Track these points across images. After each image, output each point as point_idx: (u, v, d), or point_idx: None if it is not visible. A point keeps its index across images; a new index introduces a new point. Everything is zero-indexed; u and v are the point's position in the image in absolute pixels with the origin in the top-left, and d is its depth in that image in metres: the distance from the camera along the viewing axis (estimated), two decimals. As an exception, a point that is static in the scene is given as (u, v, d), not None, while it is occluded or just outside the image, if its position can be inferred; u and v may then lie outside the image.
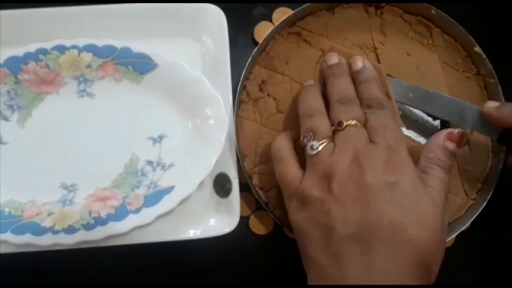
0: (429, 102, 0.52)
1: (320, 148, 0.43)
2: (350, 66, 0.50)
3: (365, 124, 0.44)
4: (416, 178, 0.41)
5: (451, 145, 0.44)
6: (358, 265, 0.37)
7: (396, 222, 0.38)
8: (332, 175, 0.40)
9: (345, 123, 0.43)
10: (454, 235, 0.52)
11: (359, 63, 0.49)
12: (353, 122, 0.43)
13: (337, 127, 0.43)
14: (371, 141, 0.42)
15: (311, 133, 0.44)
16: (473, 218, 0.53)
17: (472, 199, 0.55)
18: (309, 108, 0.47)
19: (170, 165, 0.51)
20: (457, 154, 0.45)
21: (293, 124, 0.53)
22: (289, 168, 0.45)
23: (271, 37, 0.54)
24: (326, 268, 0.39)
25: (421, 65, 0.55)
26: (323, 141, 0.43)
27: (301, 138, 0.45)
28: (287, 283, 0.55)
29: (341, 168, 0.40)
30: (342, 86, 0.47)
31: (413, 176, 0.41)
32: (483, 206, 0.53)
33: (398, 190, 0.39)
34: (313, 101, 0.48)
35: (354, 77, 0.49)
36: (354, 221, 0.38)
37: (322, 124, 0.45)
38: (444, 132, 0.45)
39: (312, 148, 0.43)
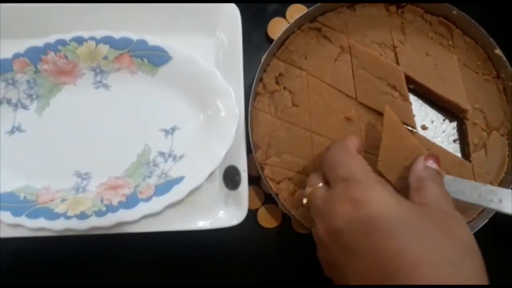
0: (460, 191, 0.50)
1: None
2: None
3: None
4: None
5: (432, 163, 0.44)
6: None
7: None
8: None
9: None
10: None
11: None
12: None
13: None
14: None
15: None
16: (485, 222, 0.52)
17: (486, 203, 0.54)
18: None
19: (181, 156, 0.52)
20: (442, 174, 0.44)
21: (308, 118, 0.53)
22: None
23: (290, 30, 0.54)
24: None
25: (440, 66, 0.54)
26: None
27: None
28: (294, 277, 0.56)
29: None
30: None
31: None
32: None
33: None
34: None
35: None
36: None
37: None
38: (421, 157, 0.44)
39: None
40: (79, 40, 0.50)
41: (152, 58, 0.51)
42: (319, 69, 0.54)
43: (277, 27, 0.57)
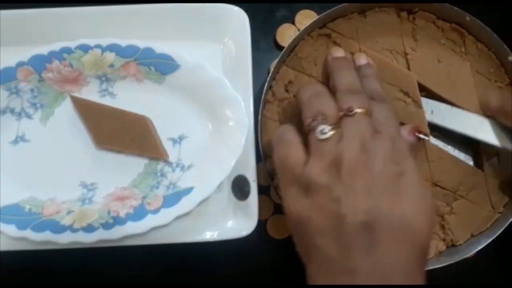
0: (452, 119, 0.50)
1: (331, 133, 0.40)
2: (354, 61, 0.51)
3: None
4: (418, 169, 0.40)
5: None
6: (366, 255, 0.36)
7: (406, 213, 0.37)
8: (342, 162, 0.38)
9: (355, 110, 0.41)
10: (479, 248, 0.51)
11: (362, 59, 0.50)
12: (362, 110, 0.41)
13: (347, 113, 0.41)
14: (375, 131, 0.41)
15: (321, 117, 0.41)
16: (499, 232, 0.51)
17: (499, 212, 0.53)
18: (315, 91, 0.45)
19: (189, 166, 0.51)
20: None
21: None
22: (295, 152, 0.42)
23: (300, 37, 0.53)
24: (335, 260, 0.37)
25: (452, 73, 0.53)
26: (334, 126, 0.41)
27: (308, 120, 0.42)
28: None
29: (350, 156, 0.39)
30: (350, 77, 0.46)
31: (415, 167, 0.40)
32: (511, 220, 0.51)
33: (406, 181, 0.39)
34: (318, 87, 0.46)
35: (357, 71, 0.48)
36: (364, 210, 0.37)
37: (332, 107, 0.42)
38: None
39: (322, 132, 0.40)
40: (85, 48, 0.49)
41: (160, 66, 0.50)
42: (329, 76, 0.53)
43: (286, 34, 0.57)
